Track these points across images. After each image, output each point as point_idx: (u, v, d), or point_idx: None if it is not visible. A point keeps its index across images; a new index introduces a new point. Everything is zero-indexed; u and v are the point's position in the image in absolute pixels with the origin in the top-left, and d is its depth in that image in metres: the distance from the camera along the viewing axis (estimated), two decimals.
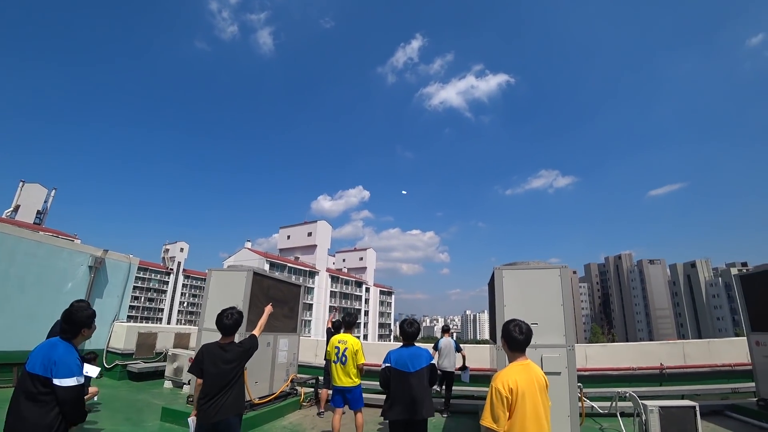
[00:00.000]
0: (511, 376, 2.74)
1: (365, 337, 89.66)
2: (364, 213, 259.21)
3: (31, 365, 2.78)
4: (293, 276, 66.32)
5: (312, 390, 8.60)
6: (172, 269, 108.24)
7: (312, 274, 79.66)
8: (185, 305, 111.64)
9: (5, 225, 8.94)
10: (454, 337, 8.68)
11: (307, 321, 74.77)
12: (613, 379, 8.63)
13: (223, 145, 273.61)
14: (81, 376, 2.86)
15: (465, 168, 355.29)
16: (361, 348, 5.58)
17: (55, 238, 10.71)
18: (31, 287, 8.70)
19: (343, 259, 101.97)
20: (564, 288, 5.26)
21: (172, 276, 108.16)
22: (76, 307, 3.01)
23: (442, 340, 8.50)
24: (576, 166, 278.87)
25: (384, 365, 4.48)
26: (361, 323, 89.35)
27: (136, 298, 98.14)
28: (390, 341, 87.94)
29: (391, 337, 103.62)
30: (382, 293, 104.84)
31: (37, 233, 10.05)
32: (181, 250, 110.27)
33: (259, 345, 4.13)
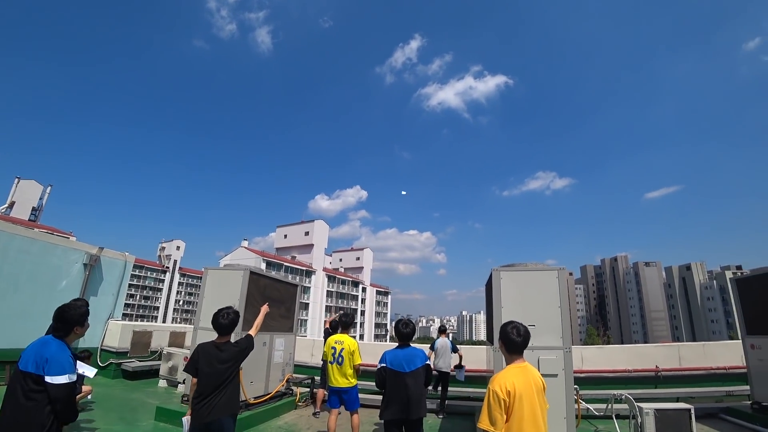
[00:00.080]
0: (508, 379, 2.72)
1: (361, 337, 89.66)
2: (362, 213, 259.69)
3: (23, 363, 2.78)
4: (290, 275, 66.21)
5: (308, 390, 8.57)
6: (168, 267, 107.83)
7: (309, 273, 79.56)
8: (181, 304, 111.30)
9: None
10: (450, 338, 8.69)
11: (304, 320, 74.66)
12: (609, 381, 8.63)
13: (221, 144, 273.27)
14: (73, 373, 2.86)
15: (462, 169, 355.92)
16: (357, 348, 5.55)
17: (49, 235, 10.63)
18: (25, 285, 8.62)
19: (340, 259, 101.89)
20: (561, 290, 5.26)
21: (168, 274, 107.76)
22: (68, 305, 3.01)
23: (438, 340, 8.52)
24: (573, 167, 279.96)
25: (379, 366, 4.52)
26: (357, 323, 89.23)
27: (131, 296, 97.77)
28: (386, 341, 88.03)
29: (387, 337, 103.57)
30: (378, 293, 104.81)
31: (31, 230, 9.97)
32: (178, 248, 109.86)
33: (255, 345, 4.10)
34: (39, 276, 8.89)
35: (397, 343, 4.72)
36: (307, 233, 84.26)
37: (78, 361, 6.29)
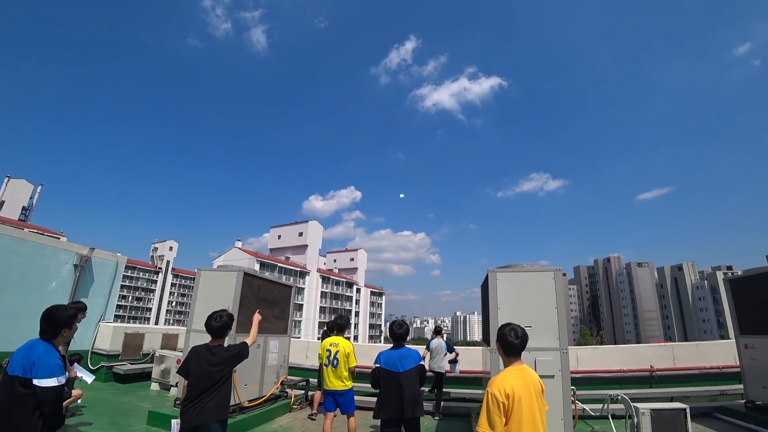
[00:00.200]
0: (507, 381, 2.68)
1: (356, 338, 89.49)
2: (356, 213, 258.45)
3: (11, 367, 2.75)
4: (284, 276, 65.96)
5: (302, 392, 8.50)
6: (160, 268, 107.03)
7: (303, 274, 79.29)
8: (174, 305, 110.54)
9: None
10: (445, 338, 8.70)
11: (298, 322, 74.40)
12: (604, 381, 8.66)
13: (215, 143, 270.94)
14: (62, 376, 2.82)
15: (457, 170, 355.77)
16: (353, 350, 5.51)
17: (39, 235, 10.46)
18: (14, 286, 8.44)
19: (334, 260, 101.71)
20: (558, 291, 5.25)
21: (161, 275, 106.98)
22: (56, 306, 3.01)
23: (433, 341, 8.58)
24: (566, 169, 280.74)
25: (374, 366, 4.61)
26: (351, 324, 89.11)
27: (123, 297, 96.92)
28: (380, 342, 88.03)
29: (382, 338, 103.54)
30: (372, 294, 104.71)
31: (21, 230, 9.80)
32: (171, 248, 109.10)
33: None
34: (28, 277, 8.72)
35: (391, 344, 4.77)
36: (301, 234, 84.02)
37: (77, 366, 6.21)
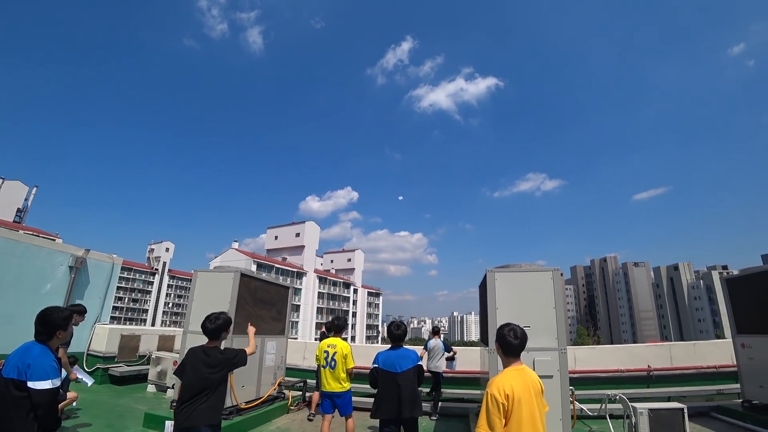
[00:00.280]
0: (506, 382, 2.67)
1: (353, 339, 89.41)
2: (353, 214, 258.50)
3: (6, 370, 2.73)
4: (280, 277, 65.82)
5: (300, 393, 8.47)
6: (157, 269, 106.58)
7: (300, 275, 79.10)
8: (170, 306, 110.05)
9: None
10: (442, 338, 8.73)
11: (295, 322, 74.20)
12: (602, 381, 8.67)
13: (212, 144, 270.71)
14: (57, 378, 2.80)
15: (454, 170, 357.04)
16: (350, 352, 5.48)
17: (34, 236, 10.38)
18: (8, 288, 8.38)
19: (331, 260, 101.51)
20: (556, 291, 5.24)
21: (157, 276, 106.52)
22: (50, 308, 3.00)
23: (431, 341, 8.60)
24: (563, 169, 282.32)
25: (372, 366, 4.65)
26: (348, 325, 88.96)
27: (119, 298, 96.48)
28: (378, 343, 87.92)
29: (379, 338, 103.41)
30: (370, 294, 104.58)
31: (16, 232, 9.73)
32: (167, 250, 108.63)
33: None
34: (23, 279, 8.66)
35: (389, 345, 4.80)
36: (298, 234, 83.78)
37: (77, 368, 6.16)
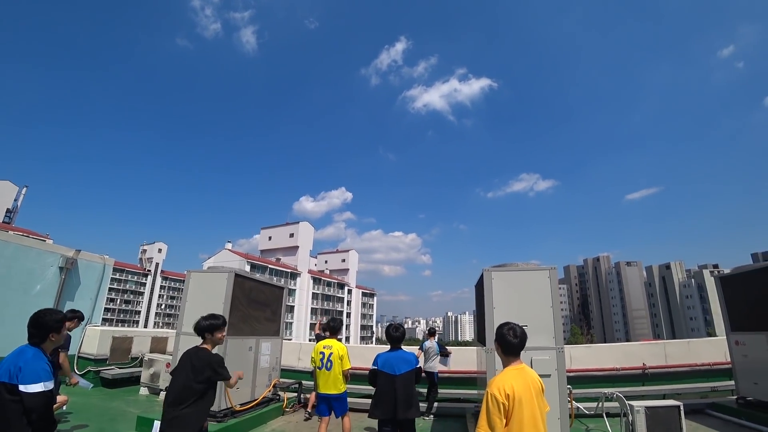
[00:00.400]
0: (506, 382, 2.64)
1: (347, 339, 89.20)
2: (347, 214, 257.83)
3: None
4: (274, 278, 65.49)
5: (295, 395, 8.40)
6: (149, 270, 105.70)
7: (294, 275, 78.82)
8: (163, 308, 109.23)
9: None
10: (437, 339, 8.76)
11: (289, 323, 73.93)
12: (598, 379, 8.68)
13: (205, 144, 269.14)
14: (49, 381, 2.73)
15: (447, 170, 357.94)
16: (346, 353, 5.43)
17: (24, 237, 10.19)
18: None
19: (326, 261, 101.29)
20: (553, 289, 5.23)
21: (150, 277, 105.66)
22: (44, 310, 2.95)
23: (426, 342, 8.65)
24: (556, 169, 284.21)
25: (372, 368, 4.75)
26: (344, 326, 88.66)
27: (111, 300, 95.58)
28: (372, 344, 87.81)
29: (373, 339, 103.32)
30: (364, 295, 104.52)
31: (5, 232, 9.55)
32: (159, 250, 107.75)
33: (240, 350, 3.91)
34: (12, 280, 8.49)
35: (383, 345, 4.81)
36: (291, 235, 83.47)
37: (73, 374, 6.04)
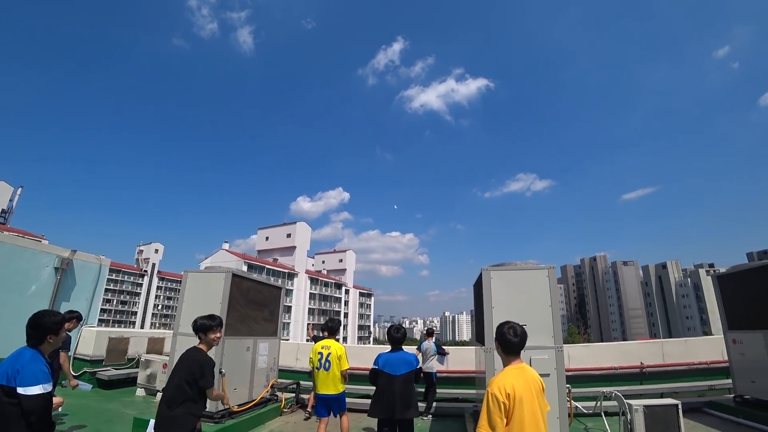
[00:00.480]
0: (507, 381, 2.63)
1: (345, 339, 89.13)
2: (344, 215, 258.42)
3: None
4: (272, 278, 65.34)
5: (293, 395, 8.36)
6: (146, 271, 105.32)
7: (291, 275, 78.68)
8: (160, 308, 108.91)
9: None
10: (434, 339, 8.81)
11: (286, 323, 73.82)
12: (596, 378, 8.69)
13: (201, 145, 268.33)
14: (48, 383, 2.70)
15: (445, 171, 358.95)
16: (344, 353, 5.42)
17: (18, 237, 10.11)
18: None
19: (323, 261, 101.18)
20: (552, 289, 5.21)
21: (146, 278, 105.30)
22: (43, 312, 2.91)
23: (424, 342, 8.71)
24: (553, 169, 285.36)
25: (372, 367, 4.83)
26: (342, 326, 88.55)
27: (107, 300, 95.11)
28: (369, 344, 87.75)
29: (371, 339, 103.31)
30: (361, 295, 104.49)
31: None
32: (156, 251, 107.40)
33: (238, 351, 3.88)
34: (6, 281, 8.43)
35: (380, 346, 4.84)
36: (289, 235, 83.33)
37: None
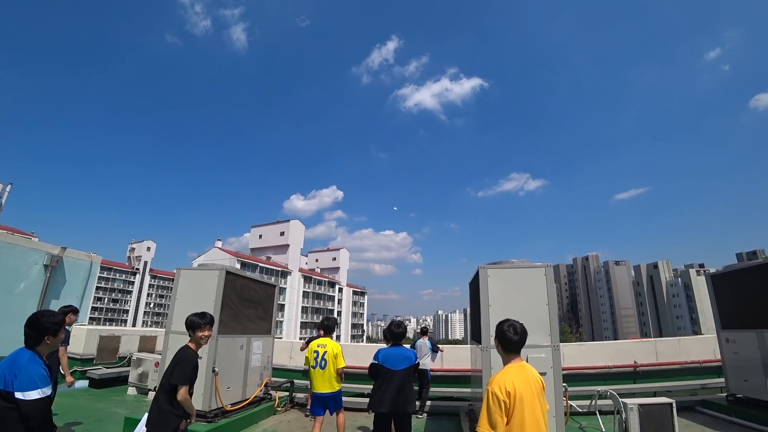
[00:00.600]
0: (507, 379, 2.60)
1: (338, 338, 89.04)
2: (338, 213, 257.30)
3: None
4: (265, 276, 65.03)
5: (287, 394, 8.30)
6: (138, 269, 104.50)
7: (284, 274, 78.36)
8: (152, 306, 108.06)
9: None
10: (427, 338, 8.78)
11: (279, 322, 73.53)
12: (590, 377, 8.73)
13: (194, 143, 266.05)
14: (46, 387, 2.58)
15: (438, 170, 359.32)
16: (341, 351, 5.37)
17: (7, 234, 9.93)
18: None
19: (316, 259, 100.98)
20: (549, 287, 5.19)
21: (138, 276, 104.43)
22: (43, 312, 2.81)
23: (419, 341, 8.70)
24: (546, 169, 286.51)
25: (373, 362, 4.94)
26: (337, 325, 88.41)
27: (99, 299, 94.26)
28: (363, 342, 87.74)
29: (364, 337, 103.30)
30: (355, 293, 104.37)
31: None
32: (148, 249, 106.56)
33: (231, 350, 3.83)
34: None
35: (378, 344, 4.88)
36: (282, 233, 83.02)
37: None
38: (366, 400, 6.25)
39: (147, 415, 3.50)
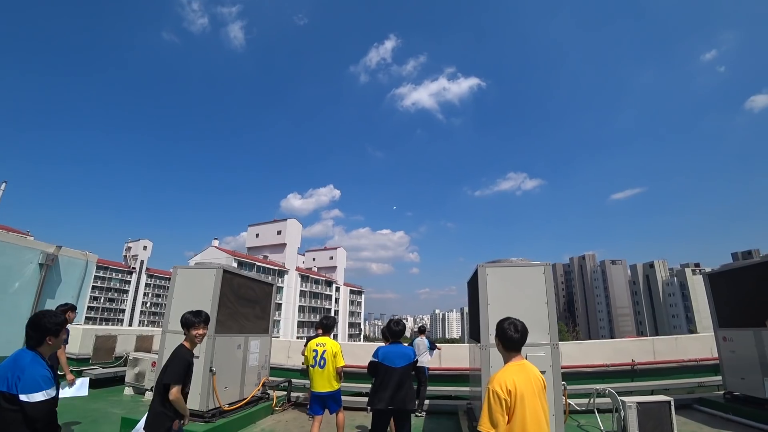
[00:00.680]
0: (508, 377, 2.58)
1: (335, 337, 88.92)
2: (335, 212, 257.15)
3: None
4: (262, 275, 64.95)
5: (285, 393, 8.27)
6: (134, 268, 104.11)
7: (281, 273, 78.25)
8: (148, 306, 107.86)
9: None
10: (425, 337, 8.80)
11: (276, 321, 73.46)
12: (587, 375, 8.74)
13: (191, 141, 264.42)
14: (50, 388, 2.54)
15: (435, 169, 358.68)
16: (340, 350, 5.36)
17: (1, 233, 9.83)
18: None
19: (313, 258, 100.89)
20: (548, 285, 5.19)
21: (135, 275, 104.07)
22: (45, 312, 2.76)
23: (416, 339, 8.74)
24: (543, 169, 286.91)
25: (372, 359, 4.95)
26: (336, 323, 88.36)
27: (95, 298, 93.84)
28: (360, 341, 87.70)
29: (361, 336, 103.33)
30: (352, 292, 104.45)
31: None
32: (145, 248, 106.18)
33: (228, 348, 3.80)
34: None
35: (376, 343, 4.90)
36: (279, 232, 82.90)
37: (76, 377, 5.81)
38: (365, 399, 6.24)
39: (145, 417, 3.46)
